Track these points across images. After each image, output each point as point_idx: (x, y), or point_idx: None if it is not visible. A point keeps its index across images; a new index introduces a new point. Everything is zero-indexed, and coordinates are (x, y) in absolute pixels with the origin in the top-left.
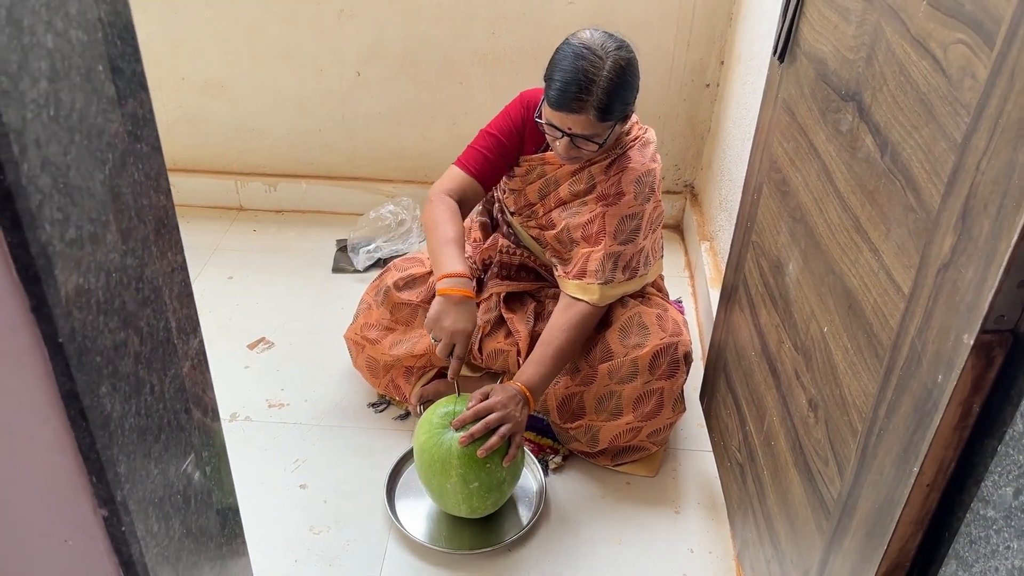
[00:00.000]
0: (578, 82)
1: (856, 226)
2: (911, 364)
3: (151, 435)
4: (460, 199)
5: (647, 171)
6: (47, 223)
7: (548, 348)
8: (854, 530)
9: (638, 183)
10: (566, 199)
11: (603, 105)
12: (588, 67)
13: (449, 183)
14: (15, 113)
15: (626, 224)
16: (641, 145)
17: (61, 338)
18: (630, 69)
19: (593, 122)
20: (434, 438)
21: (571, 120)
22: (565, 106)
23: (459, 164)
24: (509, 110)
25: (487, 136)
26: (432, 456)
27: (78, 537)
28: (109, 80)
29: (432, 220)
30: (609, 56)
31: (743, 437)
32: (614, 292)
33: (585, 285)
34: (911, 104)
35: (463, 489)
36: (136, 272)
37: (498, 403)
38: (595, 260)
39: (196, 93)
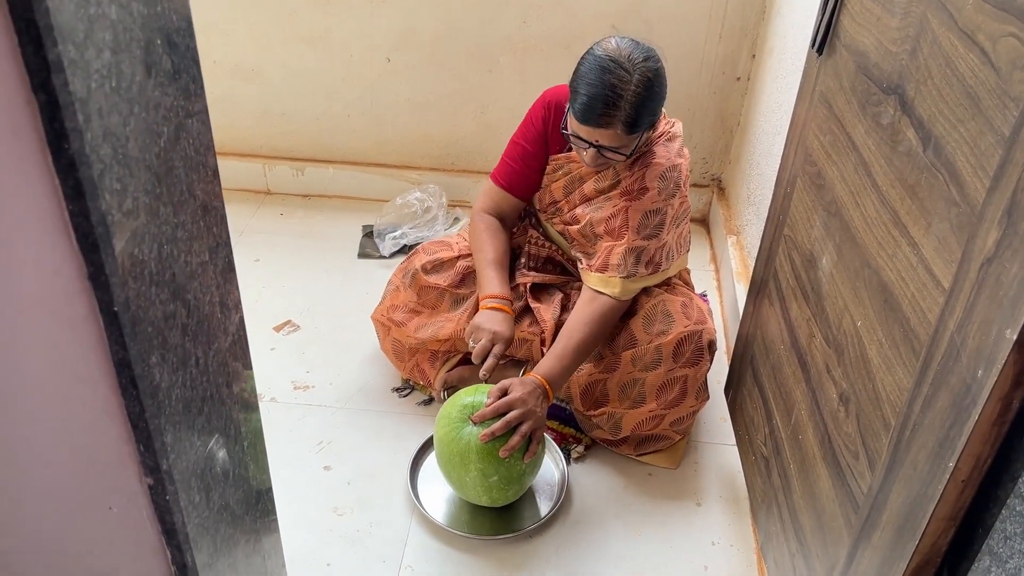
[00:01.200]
0: (605, 97)
1: (895, 220)
2: (949, 359)
3: (195, 407)
4: (498, 213)
5: (672, 166)
6: (107, 193)
7: (569, 341)
8: (884, 525)
9: (662, 179)
10: (591, 195)
11: (631, 120)
12: (615, 81)
13: (485, 199)
14: (81, 83)
15: (649, 219)
16: (667, 140)
17: (116, 307)
18: (658, 80)
19: (621, 136)
20: (453, 432)
21: (598, 134)
22: (592, 121)
23: (492, 178)
24: (532, 115)
25: (514, 146)
26: (451, 450)
27: (122, 504)
28: (166, 54)
29: (474, 241)
30: (637, 69)
31: (769, 431)
32: (636, 286)
33: (607, 278)
34: (957, 97)
35: (482, 482)
36: (186, 245)
37: (518, 400)
38: (617, 254)
39: (227, 76)
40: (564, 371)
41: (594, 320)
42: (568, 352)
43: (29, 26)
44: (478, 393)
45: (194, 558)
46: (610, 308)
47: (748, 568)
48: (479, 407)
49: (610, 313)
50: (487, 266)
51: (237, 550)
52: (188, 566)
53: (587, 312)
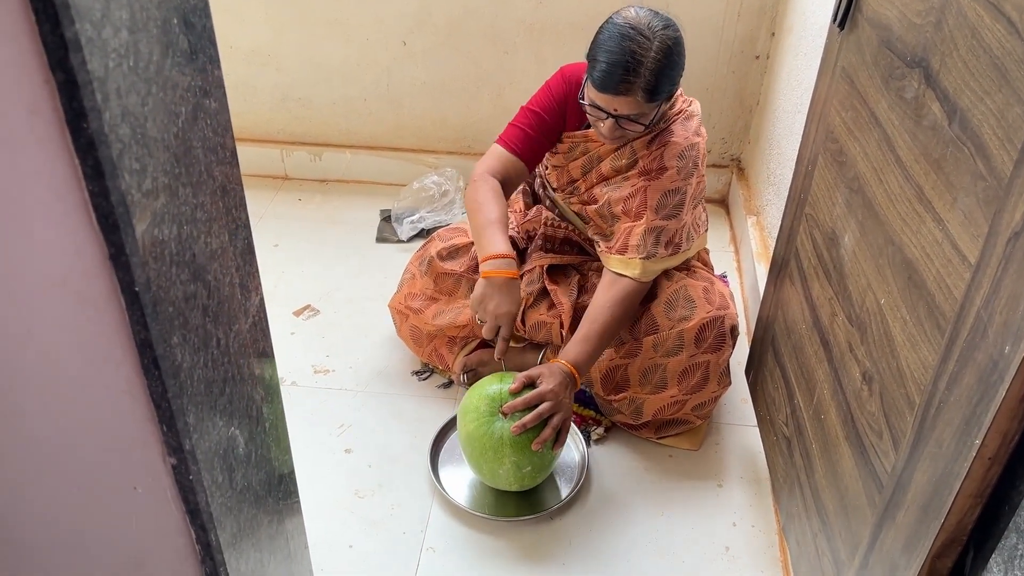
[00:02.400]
0: (625, 64)
1: (919, 196)
2: (976, 335)
3: (217, 388)
4: (503, 178)
5: (690, 145)
6: (126, 173)
7: (594, 325)
8: (909, 504)
9: (681, 158)
10: (608, 175)
11: (651, 87)
12: (635, 48)
13: (492, 162)
14: (99, 62)
15: (668, 199)
16: (684, 119)
17: (137, 287)
18: (677, 48)
19: (640, 103)
20: (483, 427)
21: (617, 102)
22: (611, 88)
23: (501, 142)
24: (550, 85)
25: (529, 113)
26: (483, 445)
27: (146, 484)
28: (182, 34)
29: (475, 201)
30: (656, 36)
31: (791, 411)
32: (657, 267)
33: (627, 260)
34: (983, 69)
35: (515, 472)
36: (205, 226)
37: (549, 392)
38: (637, 235)
39: (243, 61)
40: (590, 356)
41: (617, 303)
42: (593, 336)
43: (46, 4)
44: (502, 382)
45: (218, 537)
46: (632, 290)
47: (770, 548)
48: (504, 397)
49: (632, 295)
50: (487, 224)
51: (260, 530)
52: (212, 545)
53: (609, 295)
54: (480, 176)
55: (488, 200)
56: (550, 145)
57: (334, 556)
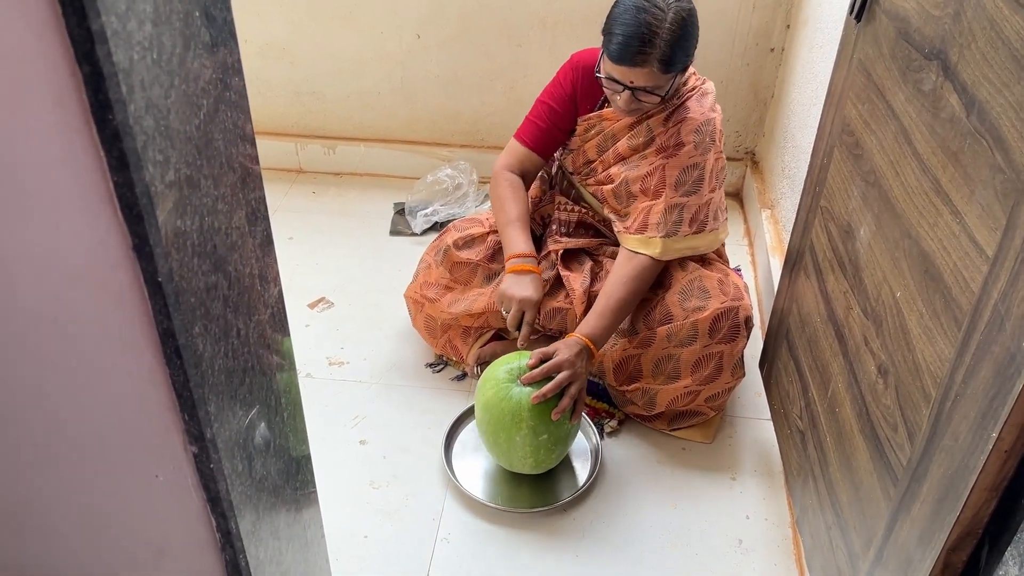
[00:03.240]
0: (640, 35)
1: (936, 188)
2: (993, 328)
3: (237, 377)
4: (521, 172)
5: (706, 120)
6: (150, 164)
7: (609, 300)
8: (924, 496)
9: (697, 132)
10: (625, 154)
11: (666, 57)
12: (650, 19)
13: (509, 157)
14: (124, 54)
15: (688, 175)
16: (699, 95)
17: (160, 277)
18: (691, 19)
19: (656, 74)
20: (502, 392)
21: (633, 74)
22: (628, 60)
23: (517, 137)
24: (560, 77)
25: (541, 105)
26: (502, 411)
27: (168, 472)
28: (204, 26)
29: (497, 199)
30: (671, 8)
31: (805, 404)
32: (679, 246)
33: (647, 239)
34: (1002, 61)
35: (532, 441)
36: (226, 217)
37: (566, 361)
38: (656, 213)
39: (257, 55)
40: (606, 329)
41: (633, 279)
42: (609, 311)
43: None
44: (521, 358)
45: (238, 525)
46: (647, 266)
47: (783, 542)
48: (523, 369)
49: (647, 271)
50: (509, 224)
51: (279, 519)
52: (232, 533)
53: (625, 271)
54: (499, 172)
55: (508, 198)
56: (564, 134)
57: (349, 546)
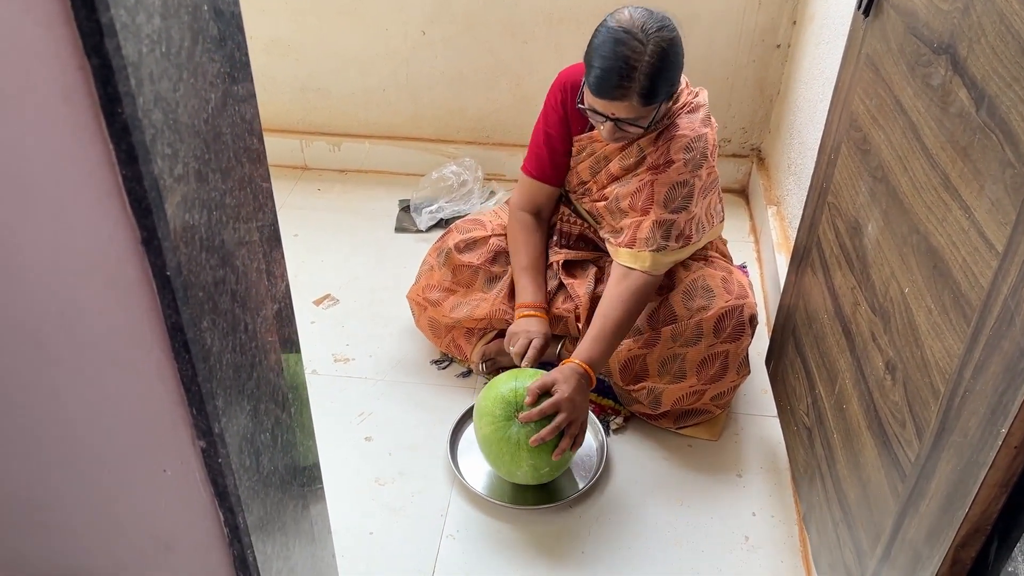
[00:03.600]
0: (619, 69)
1: (945, 184)
2: (1002, 323)
3: (244, 372)
4: (534, 209)
5: (697, 136)
6: (159, 158)
7: (606, 321)
8: (932, 493)
9: (688, 150)
10: (618, 174)
11: (646, 91)
12: (628, 53)
13: (520, 194)
14: (133, 47)
15: (676, 192)
16: (689, 111)
17: (169, 271)
18: (673, 50)
19: (637, 107)
20: (499, 431)
21: (614, 107)
22: (607, 94)
23: (524, 170)
24: (550, 99)
25: (539, 133)
26: (500, 449)
27: (176, 467)
28: (212, 20)
29: (511, 243)
30: (651, 39)
31: (812, 400)
32: (667, 259)
33: (636, 253)
34: (1012, 55)
35: (533, 473)
36: (233, 212)
37: (564, 400)
38: (645, 228)
39: (262, 52)
40: (603, 353)
41: (628, 298)
42: (606, 333)
43: None
44: (516, 380)
45: (246, 520)
46: (643, 283)
47: (790, 539)
48: (519, 396)
49: (644, 288)
50: (521, 273)
51: (286, 514)
52: (240, 528)
53: (620, 290)
54: (513, 212)
55: (520, 242)
56: (567, 157)
57: (355, 542)
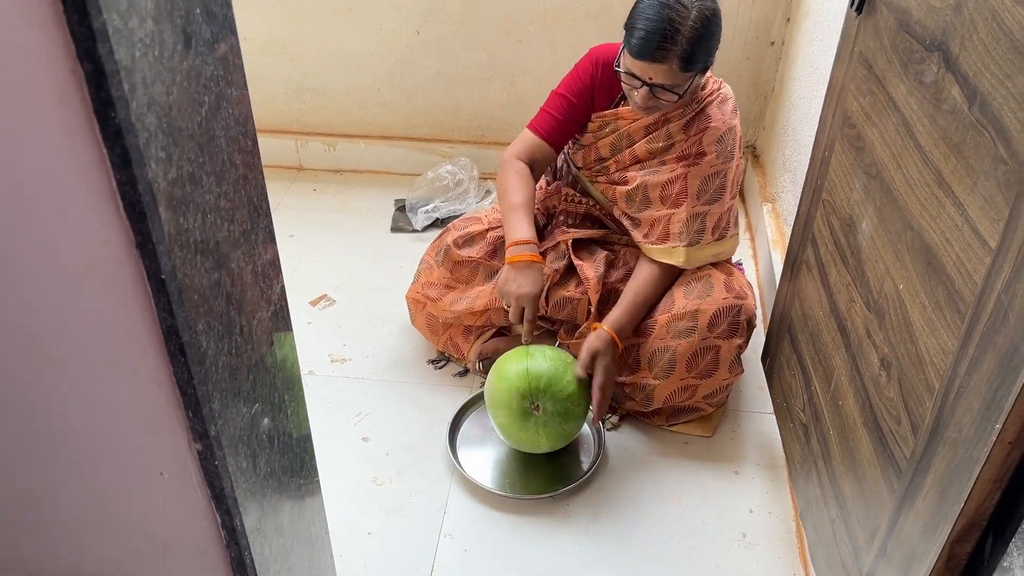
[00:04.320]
0: (663, 31)
1: (938, 180)
2: (996, 319)
3: (240, 374)
4: (530, 161)
5: (729, 128)
6: (153, 162)
7: (637, 297)
8: (928, 489)
9: (720, 142)
10: (642, 157)
11: (687, 55)
12: (674, 16)
13: (520, 146)
14: (125, 51)
15: (709, 184)
16: (720, 101)
17: (164, 275)
18: (715, 19)
19: (675, 72)
20: (517, 424)
21: (652, 70)
22: (648, 55)
23: (531, 127)
24: (579, 69)
25: (557, 97)
26: (520, 440)
27: (173, 470)
28: (205, 23)
29: (502, 186)
30: (694, 6)
31: (808, 397)
32: (702, 254)
33: (670, 249)
34: (1004, 52)
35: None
36: (228, 215)
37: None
38: (677, 222)
39: (257, 52)
40: (630, 325)
41: (659, 278)
42: (637, 307)
43: None
44: (528, 358)
45: (242, 522)
46: (671, 270)
47: (787, 535)
48: (533, 379)
49: (676, 272)
50: (512, 209)
51: (283, 516)
52: (237, 530)
53: (653, 271)
54: (508, 160)
55: (514, 184)
56: (578, 128)
57: (353, 542)
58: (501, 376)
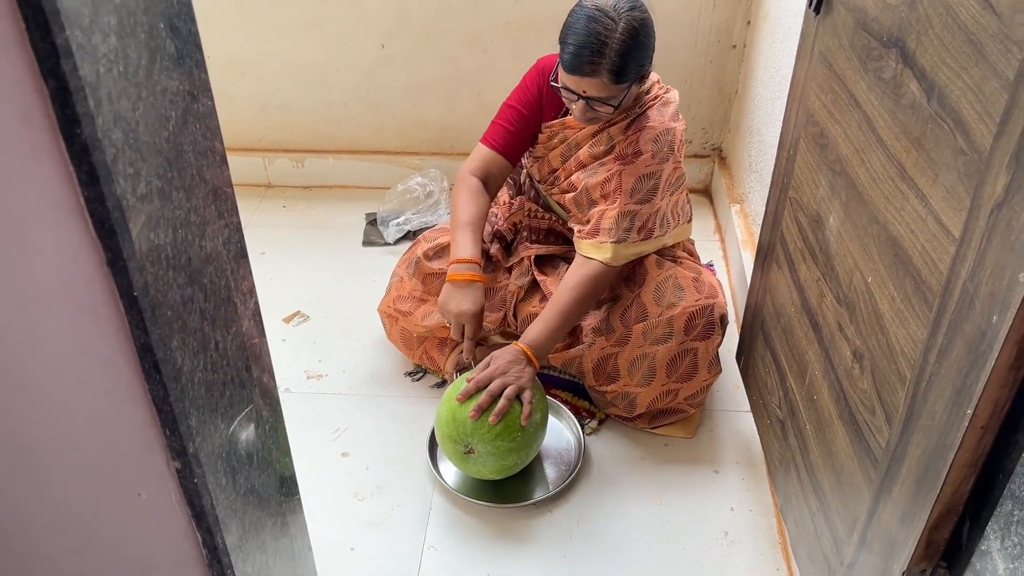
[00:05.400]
0: (591, 45)
1: (901, 173)
2: (963, 307)
3: (217, 391)
4: (485, 176)
5: (665, 130)
6: (120, 177)
7: (556, 305)
8: (904, 477)
9: (656, 142)
10: (586, 161)
11: (617, 68)
12: (600, 30)
13: (474, 161)
14: (90, 67)
15: (643, 183)
16: (661, 105)
17: (136, 291)
18: (644, 30)
19: (607, 84)
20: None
21: (585, 83)
22: (579, 70)
23: (484, 140)
24: (526, 80)
25: (508, 109)
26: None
27: (151, 489)
28: (169, 38)
29: (453, 203)
30: (622, 18)
31: (783, 393)
32: (628, 252)
33: (598, 244)
34: (959, 45)
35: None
36: (199, 230)
37: (497, 370)
38: (609, 218)
39: (222, 71)
40: (549, 335)
41: (581, 284)
42: (554, 316)
43: (36, 11)
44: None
45: (224, 540)
46: (599, 272)
47: (768, 531)
48: (460, 428)
49: (598, 278)
50: (459, 227)
51: (265, 532)
52: (219, 548)
53: (575, 276)
54: (461, 177)
55: (463, 202)
56: (531, 138)
57: (336, 559)
58: (437, 420)
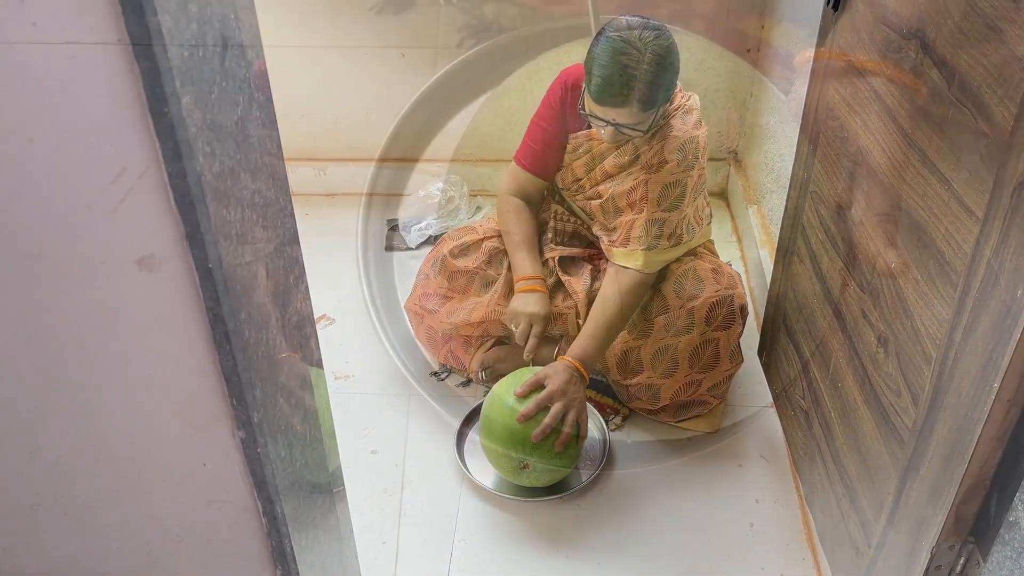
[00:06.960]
0: (618, 78)
1: (923, 159)
2: (988, 284)
3: (276, 365)
4: (523, 195)
5: (689, 138)
6: (200, 155)
7: (600, 318)
8: (931, 455)
9: (680, 151)
10: (612, 172)
11: (645, 97)
12: (628, 62)
13: (510, 181)
14: (176, 50)
15: (669, 191)
16: (684, 113)
17: (211, 263)
18: (669, 57)
19: (636, 112)
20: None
21: (614, 113)
22: (607, 101)
23: (516, 160)
24: (549, 96)
25: (535, 127)
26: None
27: (216, 460)
28: (237, 28)
29: (501, 224)
30: (648, 48)
31: (807, 383)
32: (659, 258)
33: (629, 252)
34: (978, 31)
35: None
36: (262, 210)
37: (557, 391)
38: (638, 227)
39: None
40: (597, 349)
41: (621, 294)
42: (599, 330)
43: None
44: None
45: (283, 510)
46: (637, 282)
47: (794, 521)
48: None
49: (638, 287)
50: (516, 248)
51: (315, 508)
52: (278, 518)
53: (613, 289)
54: (502, 197)
55: (512, 222)
56: (561, 151)
57: (369, 551)
58: (487, 430)
